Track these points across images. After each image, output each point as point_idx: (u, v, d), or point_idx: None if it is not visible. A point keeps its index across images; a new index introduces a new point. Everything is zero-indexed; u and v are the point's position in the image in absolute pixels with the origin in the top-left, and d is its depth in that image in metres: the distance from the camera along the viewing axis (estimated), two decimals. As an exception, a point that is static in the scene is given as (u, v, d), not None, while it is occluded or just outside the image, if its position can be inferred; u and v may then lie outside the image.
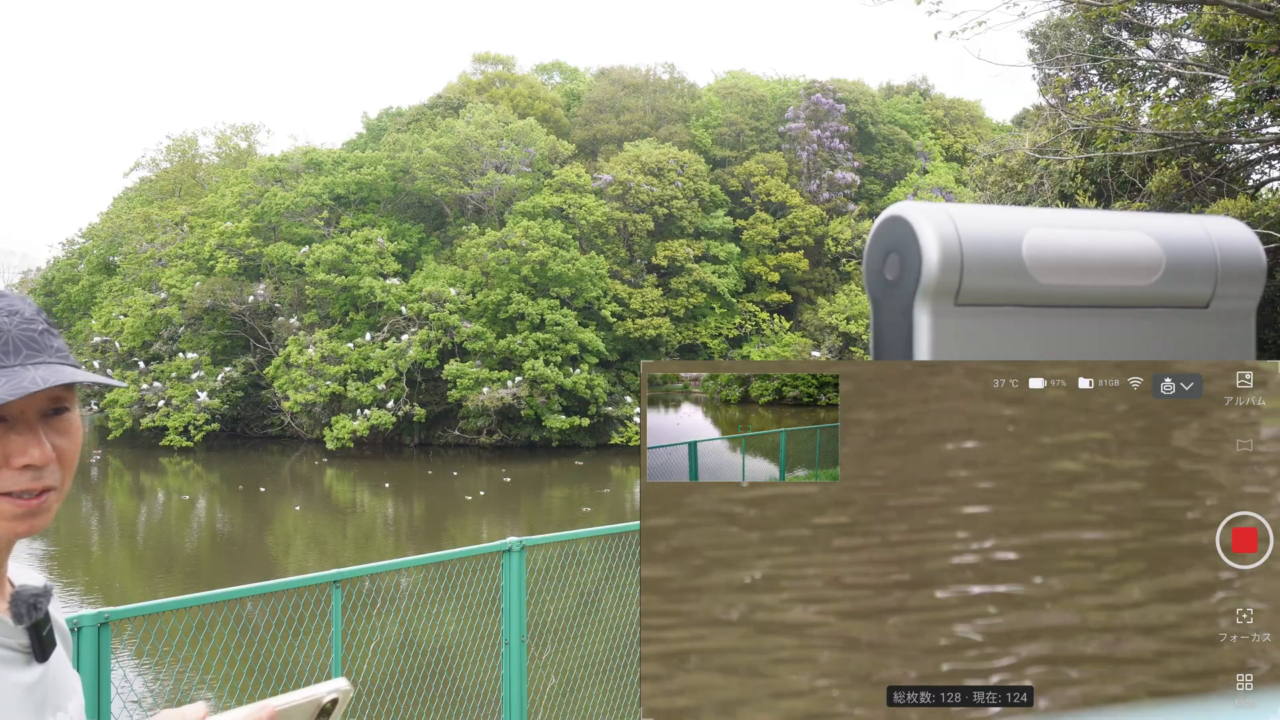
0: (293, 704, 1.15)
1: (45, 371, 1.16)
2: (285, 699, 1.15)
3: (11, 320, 1.20)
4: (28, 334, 1.20)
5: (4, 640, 1.21)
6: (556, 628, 7.16)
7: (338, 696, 1.18)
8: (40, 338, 1.20)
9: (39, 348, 1.19)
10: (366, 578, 5.59)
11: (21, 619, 1.23)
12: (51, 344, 1.21)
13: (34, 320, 1.22)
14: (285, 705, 1.14)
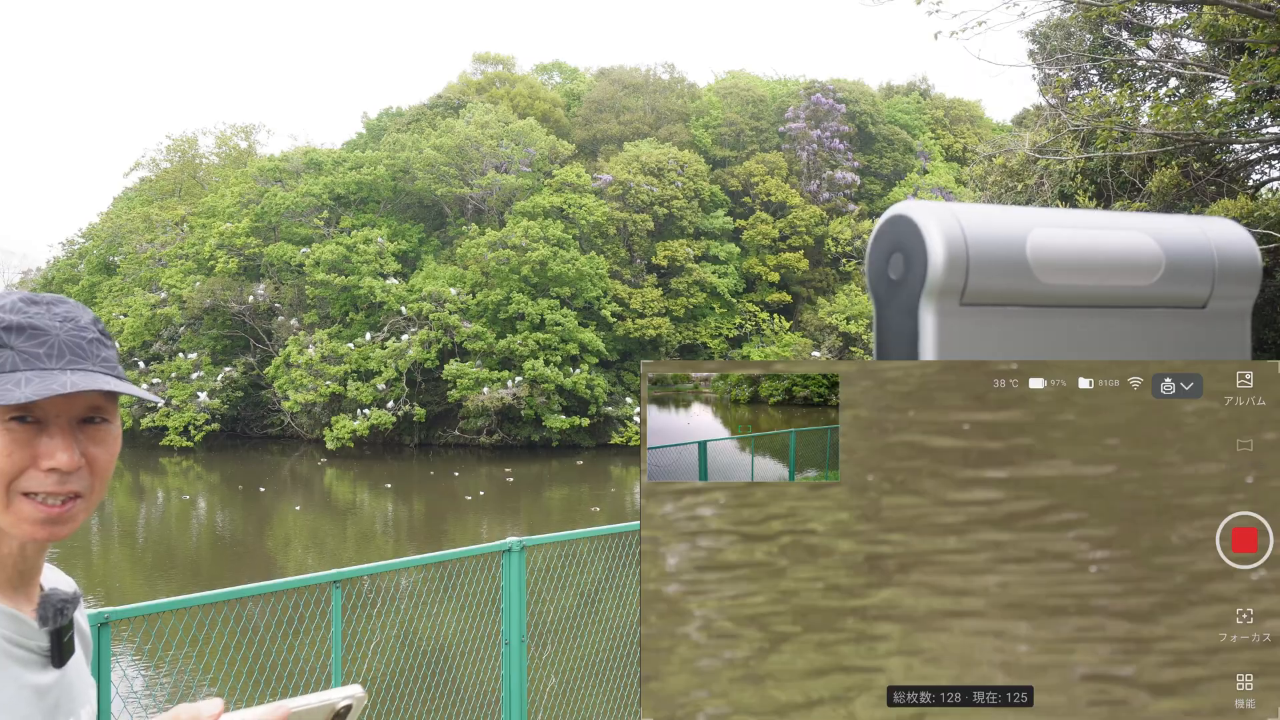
0: (307, 707, 1.15)
1: (79, 377, 1.16)
2: (299, 701, 1.16)
3: (63, 326, 1.20)
4: (75, 340, 1.20)
5: (24, 641, 1.22)
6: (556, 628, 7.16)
7: (351, 703, 1.19)
8: (88, 346, 1.21)
9: (84, 355, 1.20)
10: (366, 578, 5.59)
11: (47, 622, 1.24)
12: (99, 353, 1.22)
13: (86, 329, 1.22)
14: (299, 707, 1.15)
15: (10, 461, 1.16)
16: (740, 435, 0.85)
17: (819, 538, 0.82)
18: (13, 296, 1.21)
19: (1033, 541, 0.82)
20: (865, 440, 0.83)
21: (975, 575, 0.82)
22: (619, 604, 6.91)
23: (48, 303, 1.22)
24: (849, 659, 0.81)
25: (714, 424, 0.85)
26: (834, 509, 0.83)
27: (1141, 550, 0.82)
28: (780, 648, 0.82)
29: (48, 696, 1.23)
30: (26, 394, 1.12)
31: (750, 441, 0.84)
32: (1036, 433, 0.83)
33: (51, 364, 1.17)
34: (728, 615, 0.82)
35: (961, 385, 0.83)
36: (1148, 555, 0.82)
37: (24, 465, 1.16)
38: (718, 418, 0.85)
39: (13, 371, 1.15)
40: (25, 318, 1.18)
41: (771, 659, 0.81)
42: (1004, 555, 0.82)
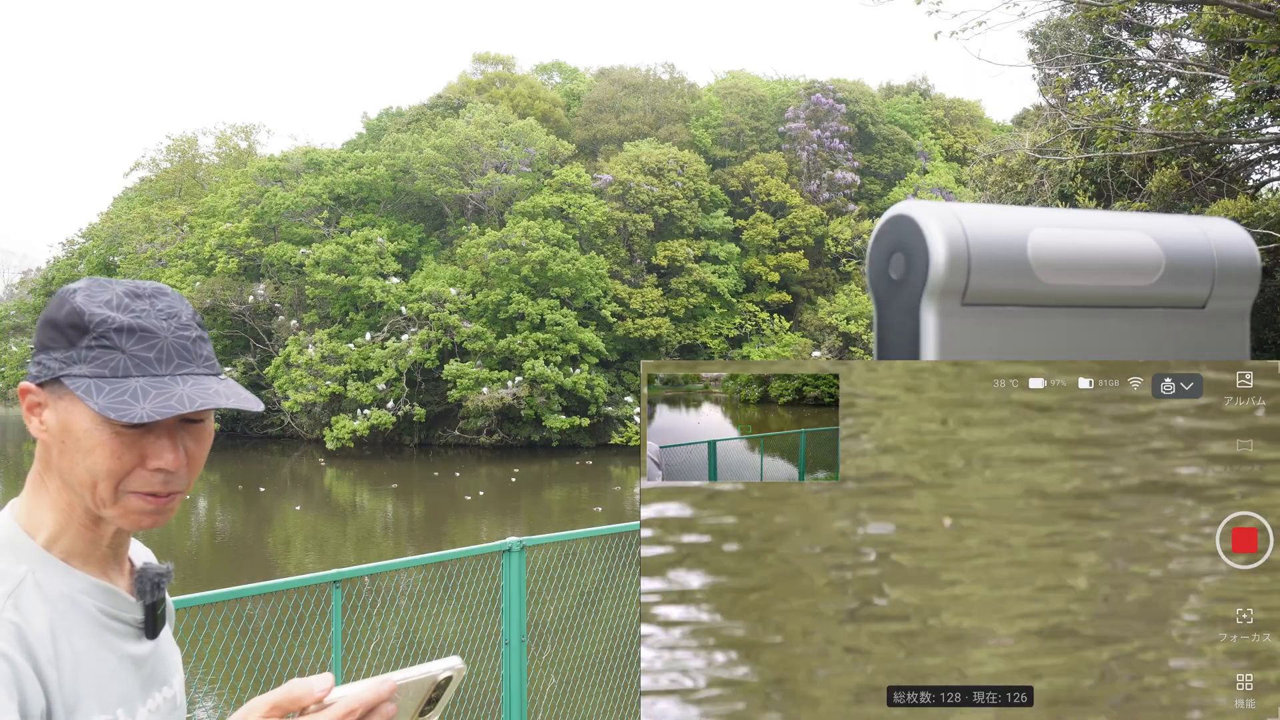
0: (410, 679, 1.19)
1: (194, 390, 1.20)
2: (403, 674, 1.20)
3: (169, 325, 1.23)
4: (181, 341, 1.23)
5: (122, 615, 1.27)
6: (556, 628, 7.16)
7: (451, 675, 1.22)
8: (193, 346, 1.24)
9: (190, 357, 1.23)
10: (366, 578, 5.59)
11: (145, 596, 1.30)
12: (201, 352, 1.25)
13: (189, 326, 1.25)
14: (404, 680, 1.18)
15: (120, 463, 1.20)
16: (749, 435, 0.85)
17: (820, 538, 0.82)
18: (117, 289, 1.24)
19: (1033, 541, 0.82)
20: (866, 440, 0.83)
21: (975, 575, 0.82)
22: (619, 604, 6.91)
23: (150, 296, 1.24)
24: (849, 659, 0.81)
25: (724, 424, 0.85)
26: (835, 509, 0.83)
27: (1142, 550, 0.82)
28: (781, 648, 0.81)
29: (144, 667, 1.28)
30: (148, 411, 1.16)
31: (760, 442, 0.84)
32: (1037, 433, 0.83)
33: (162, 369, 1.20)
34: (728, 615, 0.82)
35: (963, 385, 0.83)
36: (1148, 555, 0.82)
37: (132, 466, 1.21)
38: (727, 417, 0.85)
39: (125, 377, 1.19)
40: (134, 317, 1.21)
41: (772, 659, 0.81)
42: (1005, 555, 0.82)
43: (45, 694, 1.14)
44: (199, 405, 1.18)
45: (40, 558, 1.22)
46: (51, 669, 1.15)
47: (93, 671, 1.20)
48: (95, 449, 1.19)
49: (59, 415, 1.21)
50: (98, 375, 1.18)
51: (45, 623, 1.17)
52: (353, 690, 1.15)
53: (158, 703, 1.31)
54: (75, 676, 1.17)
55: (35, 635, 1.15)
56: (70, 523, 1.24)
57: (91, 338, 1.19)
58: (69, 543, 1.24)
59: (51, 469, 1.23)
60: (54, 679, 1.15)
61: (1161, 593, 0.82)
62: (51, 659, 1.16)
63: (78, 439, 1.19)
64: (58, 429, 1.21)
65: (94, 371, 1.19)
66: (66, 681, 1.16)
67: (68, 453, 1.20)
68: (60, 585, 1.21)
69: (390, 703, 1.15)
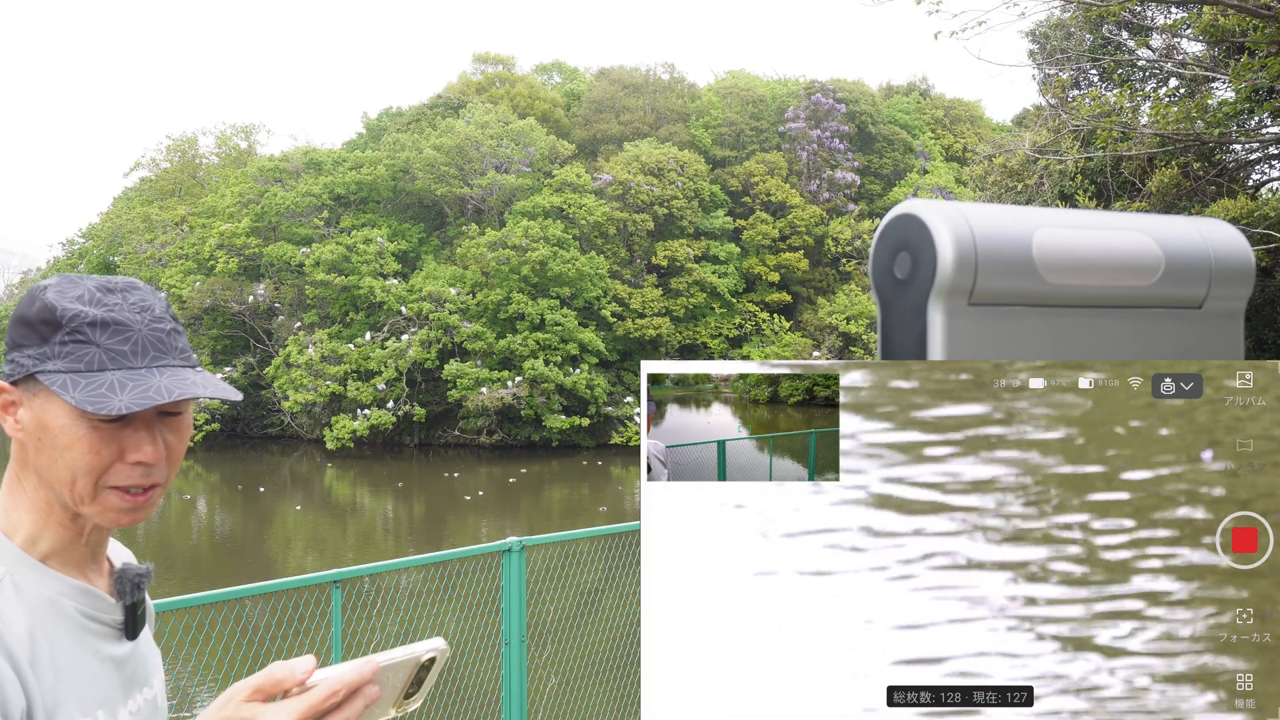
0: (394, 660, 1.18)
1: (170, 381, 1.19)
2: (386, 655, 1.19)
3: (142, 318, 1.22)
4: (156, 334, 1.22)
5: (102, 615, 1.26)
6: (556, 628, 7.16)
7: (435, 656, 1.22)
8: (168, 338, 1.23)
9: (165, 349, 1.22)
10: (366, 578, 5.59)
11: (124, 597, 1.29)
12: (176, 344, 1.24)
13: (162, 319, 1.24)
14: (387, 661, 1.18)
15: (99, 458, 1.19)
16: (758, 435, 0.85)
17: (820, 538, 0.82)
18: (88, 284, 1.23)
19: (1034, 541, 0.82)
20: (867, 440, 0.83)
21: (976, 575, 0.82)
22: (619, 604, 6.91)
23: (122, 290, 1.23)
24: (849, 659, 0.81)
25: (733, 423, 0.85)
26: (836, 510, 0.83)
27: (1142, 550, 0.82)
28: (781, 648, 0.82)
29: (125, 668, 1.27)
30: (126, 403, 1.15)
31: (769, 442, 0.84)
32: (1038, 433, 0.83)
33: (137, 361, 1.19)
34: (729, 615, 0.82)
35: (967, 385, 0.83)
36: (1148, 555, 0.82)
37: (111, 460, 1.20)
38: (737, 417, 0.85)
39: (101, 371, 1.18)
40: (107, 311, 1.20)
41: (772, 659, 0.81)
42: (1005, 555, 0.82)
43: (26, 696, 1.12)
44: (177, 396, 1.17)
45: (18, 559, 1.20)
46: (31, 671, 1.14)
47: (73, 674, 1.19)
48: (73, 444, 1.18)
49: (35, 413, 1.19)
50: (73, 370, 1.17)
51: (24, 625, 1.16)
52: (335, 672, 1.15)
53: (139, 704, 1.30)
54: (55, 679, 1.16)
55: (14, 638, 1.14)
56: (48, 523, 1.23)
57: (65, 333, 1.18)
58: (48, 544, 1.23)
59: (28, 468, 1.22)
60: (34, 681, 1.14)
61: (1162, 592, 0.82)
62: (31, 661, 1.15)
63: (55, 435, 1.18)
64: (34, 427, 1.19)
65: (69, 366, 1.17)
66: (47, 684, 1.15)
67: (45, 450, 1.19)
68: (39, 587, 1.20)
69: (373, 684, 1.14)
